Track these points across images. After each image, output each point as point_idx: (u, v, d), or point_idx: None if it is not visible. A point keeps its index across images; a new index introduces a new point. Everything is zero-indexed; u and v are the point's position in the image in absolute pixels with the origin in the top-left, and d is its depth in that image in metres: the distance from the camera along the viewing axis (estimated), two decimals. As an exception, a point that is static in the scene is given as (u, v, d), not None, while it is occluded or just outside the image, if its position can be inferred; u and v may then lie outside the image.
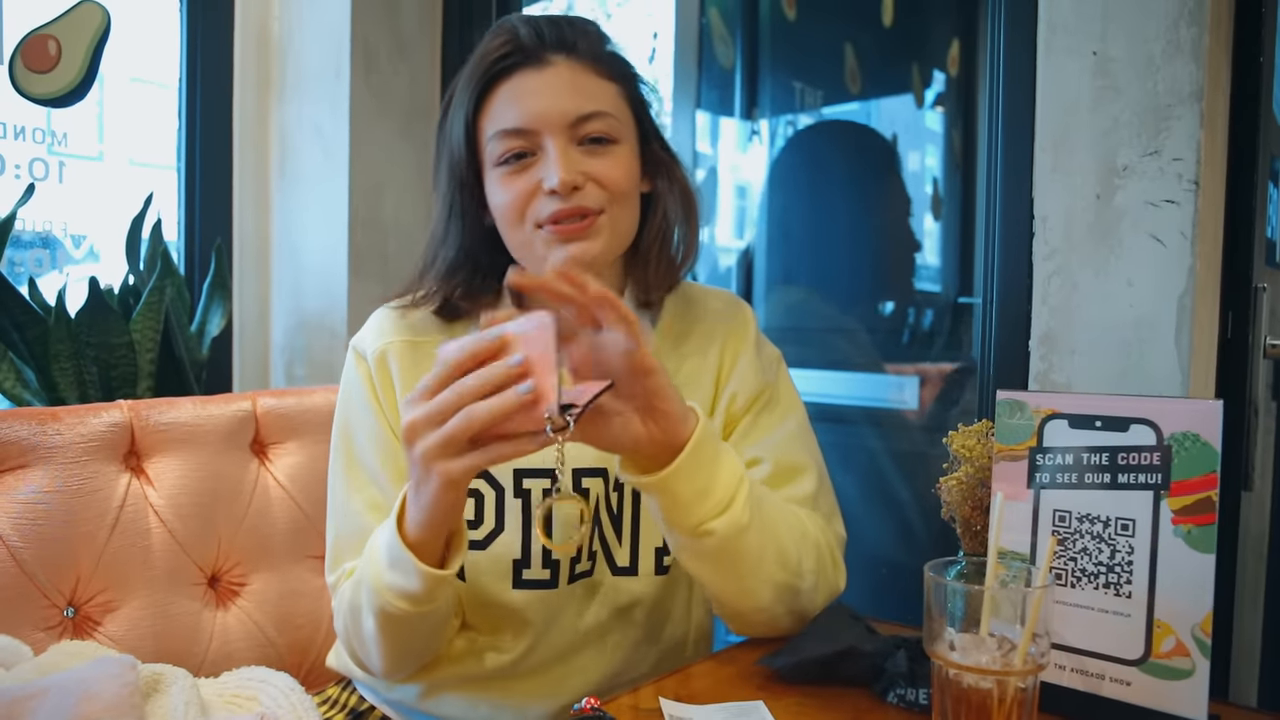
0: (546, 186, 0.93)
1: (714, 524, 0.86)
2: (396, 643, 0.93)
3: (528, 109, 0.94)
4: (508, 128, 0.94)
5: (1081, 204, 1.20)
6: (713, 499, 0.86)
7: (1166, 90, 1.13)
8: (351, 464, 1.03)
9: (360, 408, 1.03)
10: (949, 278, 1.85)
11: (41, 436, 1.08)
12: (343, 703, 1.10)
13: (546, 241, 0.94)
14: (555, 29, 0.96)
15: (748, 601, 0.95)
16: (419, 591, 0.86)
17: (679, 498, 0.86)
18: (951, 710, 0.74)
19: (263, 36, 2.04)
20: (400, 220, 2.00)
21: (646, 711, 0.84)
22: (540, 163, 0.94)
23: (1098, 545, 0.81)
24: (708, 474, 0.86)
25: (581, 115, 0.94)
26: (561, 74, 0.95)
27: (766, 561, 0.92)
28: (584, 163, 0.94)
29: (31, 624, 1.05)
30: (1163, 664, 0.78)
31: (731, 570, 0.91)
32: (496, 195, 0.96)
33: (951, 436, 1.00)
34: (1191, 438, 0.78)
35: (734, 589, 0.94)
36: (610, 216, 0.96)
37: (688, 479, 0.85)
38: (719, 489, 0.87)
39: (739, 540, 0.88)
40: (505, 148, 0.95)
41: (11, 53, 1.60)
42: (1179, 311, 1.13)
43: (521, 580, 0.99)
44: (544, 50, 0.95)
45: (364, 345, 1.04)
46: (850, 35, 1.97)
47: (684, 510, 0.86)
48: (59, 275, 1.83)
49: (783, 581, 0.94)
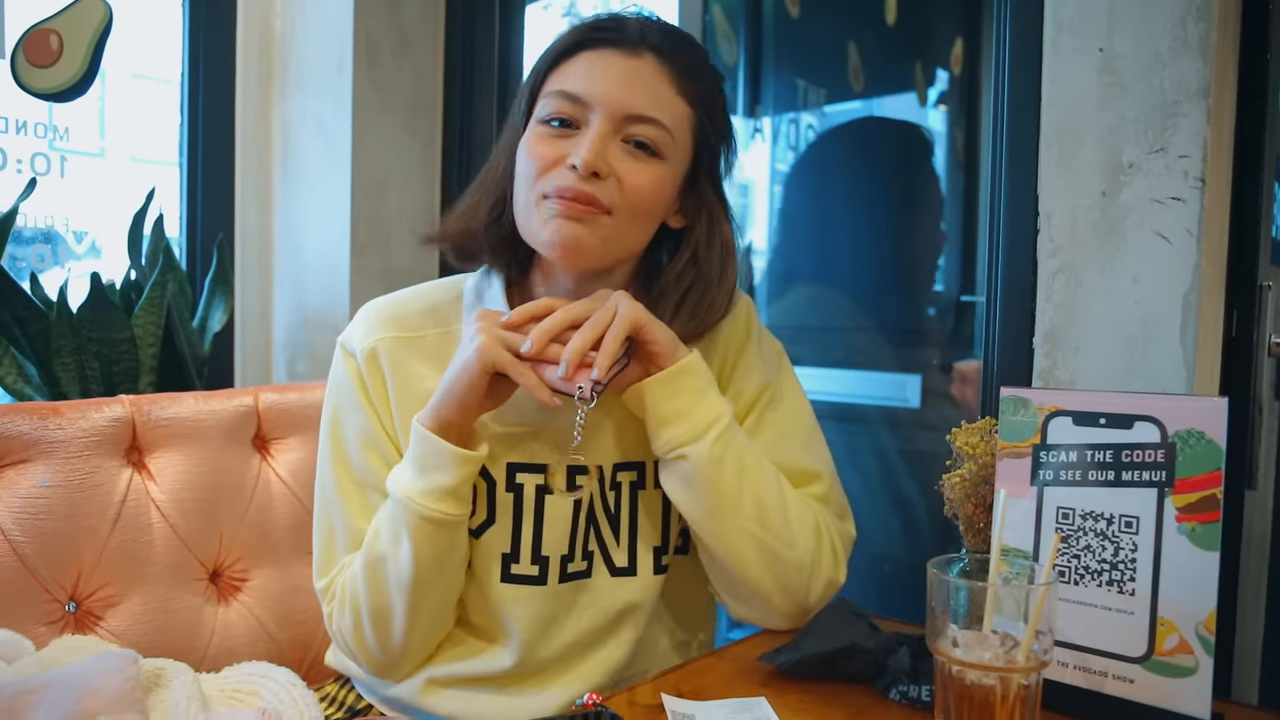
0: (569, 161, 0.91)
1: (687, 449, 0.93)
2: (429, 570, 0.94)
3: (592, 81, 0.93)
4: (566, 89, 0.93)
5: (1087, 201, 1.19)
6: (689, 422, 0.93)
7: (1173, 87, 1.12)
8: (341, 465, 1.01)
9: (349, 408, 1.01)
10: (951, 276, 1.84)
11: (43, 431, 1.08)
12: (340, 700, 1.10)
13: (545, 217, 0.92)
14: (663, 34, 0.96)
15: (731, 556, 0.96)
16: (458, 482, 0.91)
17: (657, 412, 0.93)
18: (954, 707, 0.73)
19: (265, 31, 2.04)
20: (403, 215, 2.00)
21: (649, 708, 0.84)
22: (576, 139, 0.93)
23: (1101, 542, 0.81)
24: (689, 400, 0.94)
25: (636, 114, 0.93)
26: (642, 69, 0.94)
27: (743, 508, 0.94)
28: (617, 158, 0.93)
29: (33, 618, 1.05)
30: (1166, 661, 0.78)
31: (705, 503, 0.95)
32: (524, 149, 0.95)
33: (954, 434, 1.00)
34: (1196, 435, 0.78)
35: (712, 529, 0.96)
36: (616, 222, 0.93)
37: (665, 396, 0.93)
38: (697, 416, 0.93)
39: (712, 470, 0.93)
40: (555, 108, 0.94)
41: (13, 47, 1.60)
42: (1184, 309, 1.13)
43: (510, 574, 0.99)
44: (641, 44, 0.95)
45: (352, 342, 1.01)
46: (854, 33, 1.96)
47: (661, 425, 0.94)
48: (61, 271, 1.83)
49: (762, 541, 0.95)
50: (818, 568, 0.98)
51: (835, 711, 0.84)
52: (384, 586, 0.95)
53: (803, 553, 0.97)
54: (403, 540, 0.93)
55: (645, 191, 0.94)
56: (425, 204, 2.03)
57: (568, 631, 1.01)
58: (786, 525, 0.96)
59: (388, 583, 0.94)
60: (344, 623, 0.99)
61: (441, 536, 0.93)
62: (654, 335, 0.92)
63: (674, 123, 0.95)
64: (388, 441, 1.00)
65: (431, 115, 2.04)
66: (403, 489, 0.93)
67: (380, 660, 1.00)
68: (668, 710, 0.82)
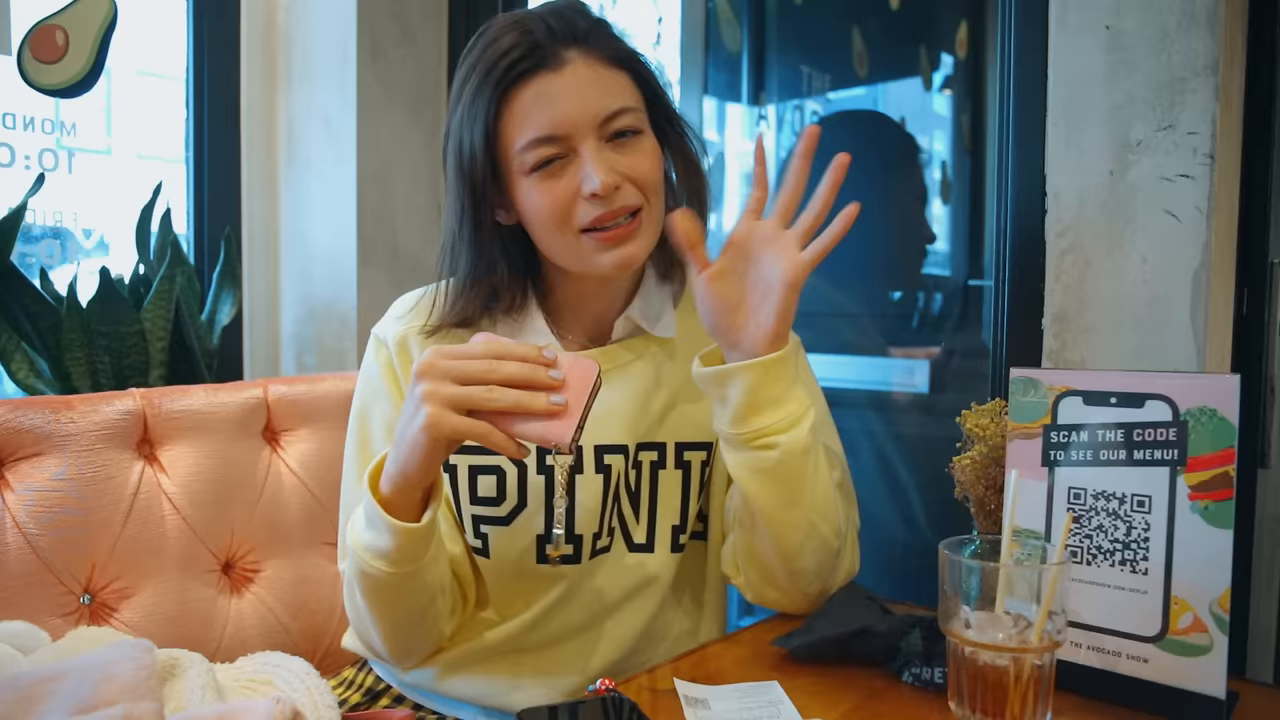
0: (587, 190, 0.92)
1: (782, 437, 0.90)
2: (384, 612, 0.93)
3: (556, 115, 0.92)
4: (539, 136, 0.93)
5: (1095, 180, 1.19)
6: (783, 410, 0.91)
7: (1181, 63, 1.11)
8: (364, 450, 1.03)
9: (377, 394, 1.03)
10: (959, 261, 1.84)
11: (55, 425, 1.09)
12: (359, 683, 1.11)
13: (593, 248, 0.95)
14: (562, 21, 0.94)
15: (789, 544, 0.94)
16: (392, 549, 0.86)
17: (756, 395, 0.90)
18: (968, 688, 0.73)
19: (269, 25, 2.04)
20: (409, 206, 2.00)
21: (661, 692, 0.84)
22: (574, 166, 0.93)
23: (1114, 522, 0.81)
24: (784, 388, 0.91)
25: (608, 114, 0.94)
26: (580, 72, 0.93)
27: (815, 500, 0.93)
28: (617, 161, 0.94)
29: (48, 610, 1.06)
30: (1180, 640, 0.77)
31: (784, 492, 0.92)
32: (533, 202, 0.95)
33: (965, 416, 0.99)
34: (1209, 413, 0.77)
35: (783, 518, 0.93)
36: (649, 210, 0.97)
37: (768, 379, 0.90)
38: (790, 405, 0.91)
39: (799, 461, 0.91)
40: (539, 156, 0.93)
41: (20, 43, 1.60)
42: (1194, 288, 1.12)
43: (545, 555, 1.00)
44: (558, 46, 0.93)
45: (384, 332, 1.04)
46: (858, 19, 1.95)
47: (754, 411, 0.90)
48: (70, 266, 1.83)
49: (819, 531, 0.94)
50: (842, 555, 1.00)
51: (848, 694, 0.84)
52: (357, 606, 0.95)
53: (840, 540, 0.98)
54: (354, 585, 0.92)
55: (652, 171, 0.97)
56: (430, 194, 2.03)
57: (586, 605, 1.02)
58: (835, 514, 0.96)
59: (358, 607, 0.95)
60: (349, 610, 1.00)
61: (385, 587, 0.90)
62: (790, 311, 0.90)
63: (630, 95, 0.97)
64: None
65: (436, 106, 2.04)
66: (353, 533, 0.90)
67: (383, 657, 1.01)
68: (680, 695, 0.82)
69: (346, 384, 1.30)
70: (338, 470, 1.09)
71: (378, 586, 0.90)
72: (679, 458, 1.04)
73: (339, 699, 1.07)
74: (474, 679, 1.03)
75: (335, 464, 1.16)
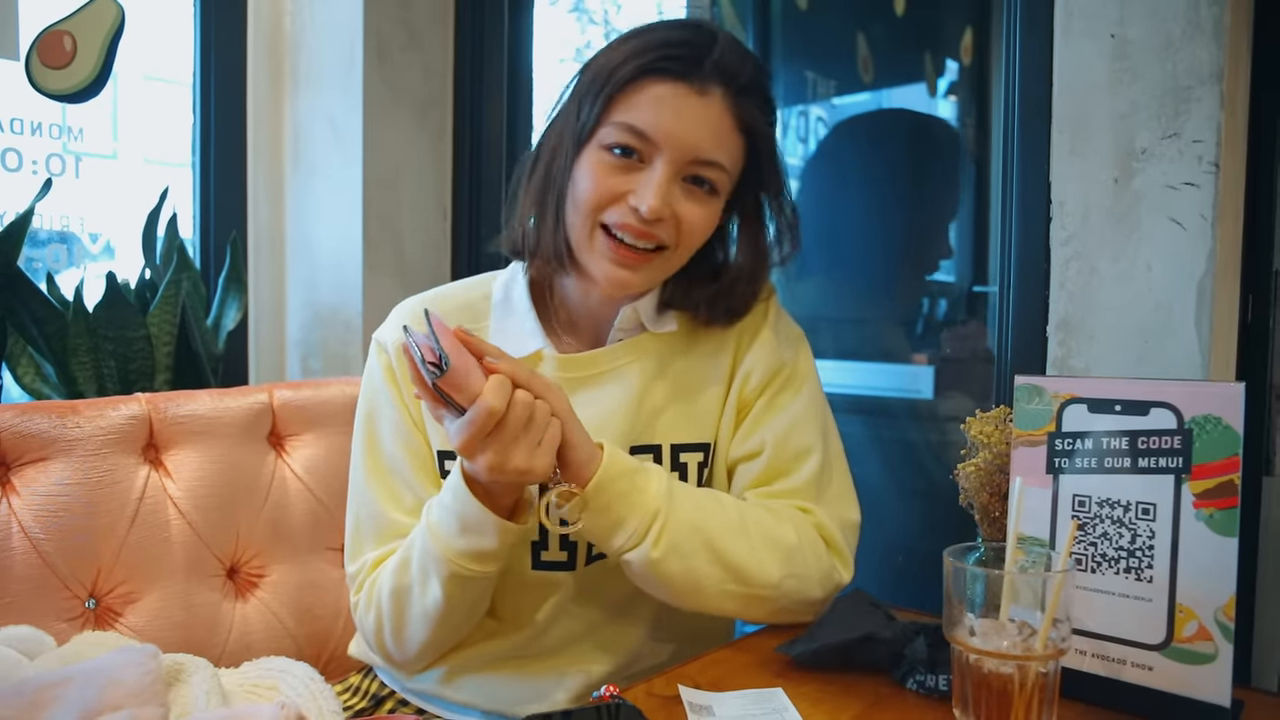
0: (633, 202, 0.94)
1: (629, 556, 0.92)
2: (452, 614, 0.95)
3: (664, 122, 0.93)
4: (633, 124, 0.94)
5: (1099, 188, 1.19)
6: (625, 532, 0.91)
7: (1186, 71, 1.12)
8: (373, 455, 1.04)
9: (381, 399, 1.04)
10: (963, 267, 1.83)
11: (61, 430, 1.09)
12: (364, 689, 1.11)
13: (601, 251, 0.96)
14: (734, 61, 0.95)
15: (719, 613, 0.98)
16: (496, 548, 0.90)
17: (594, 530, 0.92)
18: (972, 696, 0.73)
19: (275, 30, 2.05)
20: (415, 211, 2.00)
21: (666, 699, 0.84)
22: (640, 174, 0.94)
23: (1118, 530, 0.81)
24: (618, 510, 0.91)
25: (700, 158, 0.95)
26: (710, 110, 0.94)
27: (711, 578, 0.94)
28: (678, 199, 0.95)
29: (54, 615, 1.06)
30: (1185, 648, 0.77)
31: (667, 594, 0.95)
32: (586, 172, 0.96)
33: (969, 422, 0.99)
34: (1213, 421, 0.77)
35: (688, 605, 0.96)
36: (667, 257, 0.98)
37: (592, 515, 0.90)
38: (632, 522, 0.91)
39: (658, 569, 0.92)
40: (621, 139, 0.94)
41: (28, 49, 1.61)
42: (1199, 295, 1.12)
43: (540, 561, 1.01)
44: (713, 77, 0.94)
45: (384, 337, 1.05)
46: (863, 25, 1.95)
47: (600, 541, 0.93)
48: (77, 271, 1.84)
49: (740, 593, 0.95)
50: (807, 578, 0.98)
51: (852, 701, 0.84)
52: (407, 613, 0.96)
53: (790, 582, 0.97)
54: (432, 582, 0.93)
55: (700, 229, 0.98)
56: (436, 199, 2.03)
57: (585, 610, 1.03)
58: (761, 569, 0.95)
59: (411, 610, 0.96)
60: (367, 621, 1.01)
61: (474, 587, 0.94)
62: (571, 440, 0.89)
63: (732, 160, 0.98)
64: (417, 434, 1.02)
65: (442, 110, 2.04)
66: (441, 544, 0.91)
67: (397, 662, 1.02)
68: (685, 701, 0.82)
69: (351, 389, 1.30)
70: (343, 475, 1.09)
71: (465, 589, 0.93)
72: (675, 459, 1.04)
73: (344, 705, 1.07)
74: (478, 685, 1.03)
75: (341, 469, 1.16)
